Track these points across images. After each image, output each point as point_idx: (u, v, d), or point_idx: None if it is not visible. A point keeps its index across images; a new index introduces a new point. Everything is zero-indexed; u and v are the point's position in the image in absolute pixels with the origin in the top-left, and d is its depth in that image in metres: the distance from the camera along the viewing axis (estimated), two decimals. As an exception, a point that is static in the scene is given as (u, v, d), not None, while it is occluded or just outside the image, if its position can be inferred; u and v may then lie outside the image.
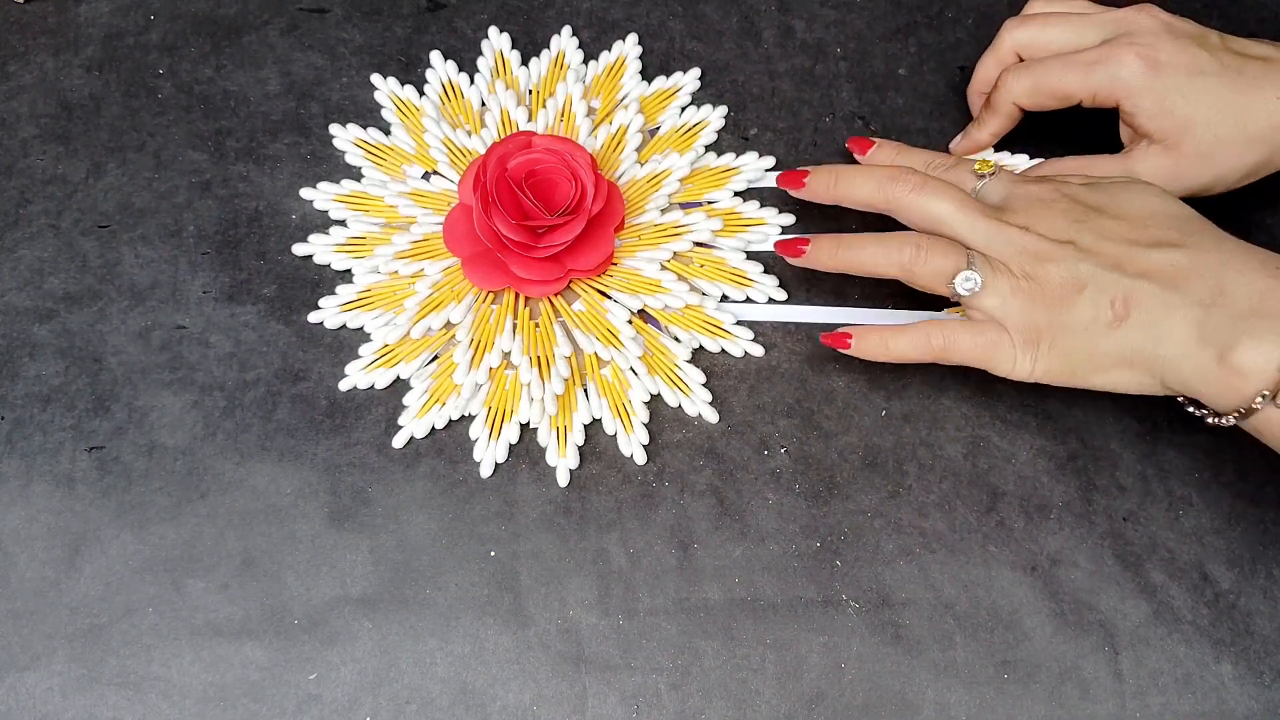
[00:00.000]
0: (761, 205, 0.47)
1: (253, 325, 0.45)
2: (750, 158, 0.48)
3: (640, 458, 0.43)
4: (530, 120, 0.48)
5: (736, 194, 0.47)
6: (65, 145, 0.49)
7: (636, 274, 0.45)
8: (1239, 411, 0.36)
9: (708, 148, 0.48)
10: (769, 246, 0.47)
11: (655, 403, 0.44)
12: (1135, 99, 0.42)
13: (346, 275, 0.46)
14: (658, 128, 0.49)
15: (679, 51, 0.50)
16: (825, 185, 0.43)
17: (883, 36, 0.51)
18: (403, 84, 0.49)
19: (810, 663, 0.40)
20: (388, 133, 0.49)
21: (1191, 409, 0.39)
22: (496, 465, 0.43)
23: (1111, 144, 0.45)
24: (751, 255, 0.47)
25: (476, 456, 0.43)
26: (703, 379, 0.44)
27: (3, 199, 0.48)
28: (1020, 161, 0.48)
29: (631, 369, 0.44)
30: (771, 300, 0.46)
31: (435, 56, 0.50)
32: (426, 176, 0.48)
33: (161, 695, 0.40)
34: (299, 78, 0.50)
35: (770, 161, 0.48)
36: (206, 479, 0.43)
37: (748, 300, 0.46)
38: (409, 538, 0.42)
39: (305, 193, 0.48)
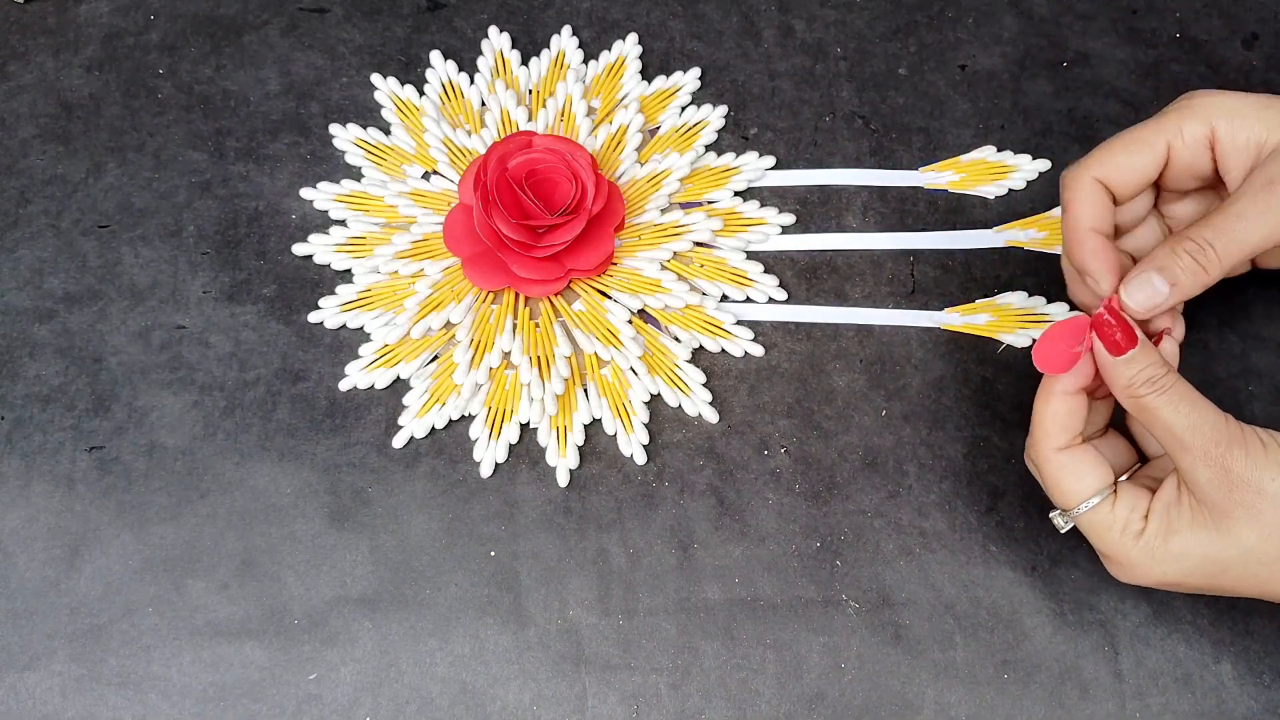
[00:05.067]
0: (761, 205, 0.47)
1: (253, 325, 0.45)
2: (750, 157, 0.48)
3: (640, 458, 0.43)
4: (530, 120, 0.48)
5: (736, 194, 0.47)
6: (65, 145, 0.49)
7: (636, 274, 0.45)
8: None
9: (708, 147, 0.48)
10: (769, 246, 0.47)
11: (655, 403, 0.44)
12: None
13: (346, 275, 0.46)
14: (658, 127, 0.49)
15: (679, 51, 0.50)
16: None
17: (883, 36, 0.51)
18: (403, 84, 0.49)
19: (810, 663, 0.40)
20: (388, 133, 0.49)
21: None
22: (496, 465, 0.43)
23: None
24: (751, 255, 0.47)
25: (476, 456, 0.43)
26: (703, 379, 0.44)
27: (3, 199, 0.48)
28: (1022, 162, 0.48)
29: (631, 369, 0.44)
30: (771, 300, 0.46)
31: (435, 56, 0.50)
32: (426, 176, 0.48)
33: (161, 695, 0.40)
34: (299, 78, 0.50)
35: (770, 161, 0.48)
36: (206, 479, 0.43)
37: (748, 300, 0.46)
38: (409, 538, 0.42)
39: (305, 193, 0.48)
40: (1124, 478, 0.38)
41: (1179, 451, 0.34)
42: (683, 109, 0.49)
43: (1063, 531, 0.37)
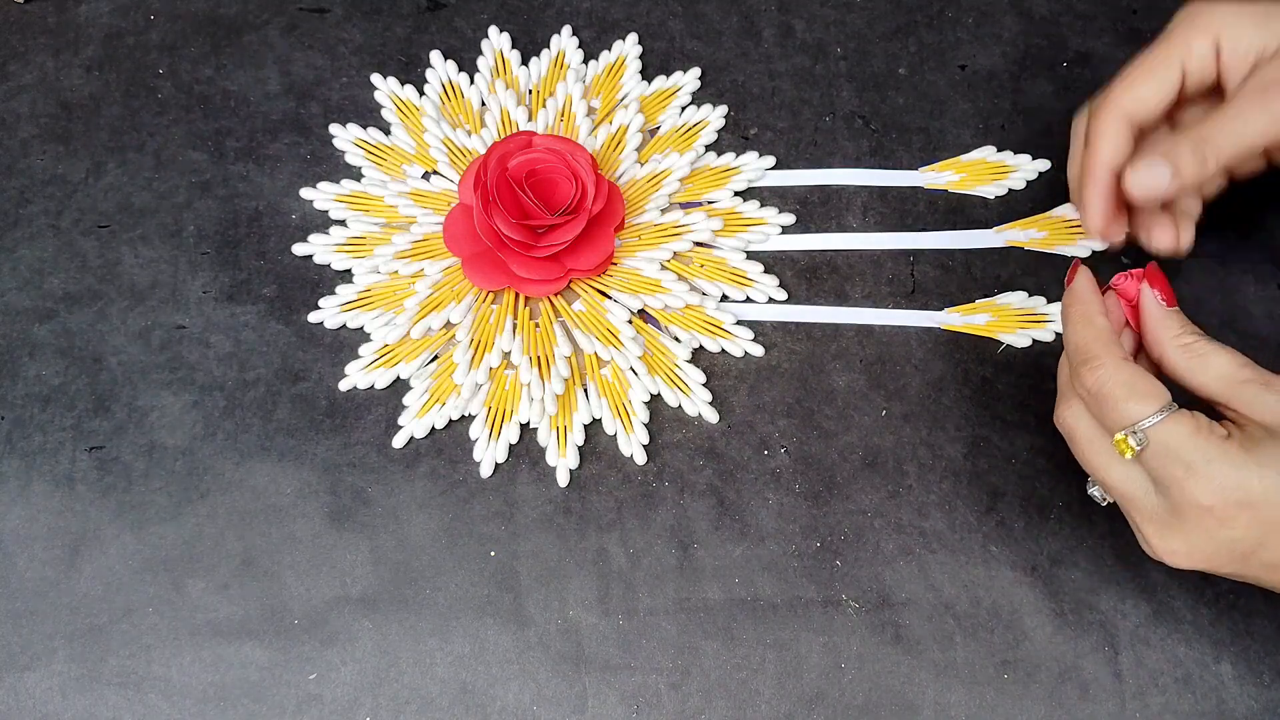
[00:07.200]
0: (761, 205, 0.47)
1: (253, 325, 0.45)
2: (750, 157, 0.48)
3: (640, 458, 0.43)
4: (530, 120, 0.48)
5: (736, 194, 0.47)
6: (65, 145, 0.49)
7: (636, 274, 0.45)
8: None
9: (708, 147, 0.48)
10: (769, 246, 0.47)
11: (655, 403, 0.44)
12: None
13: (346, 275, 0.46)
14: (658, 127, 0.49)
15: (679, 51, 0.50)
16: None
17: (883, 36, 0.51)
18: (403, 84, 0.49)
19: (810, 663, 0.40)
20: (388, 133, 0.49)
21: None
22: (496, 465, 0.43)
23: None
24: (751, 255, 0.47)
25: (476, 456, 0.43)
26: (703, 379, 0.44)
27: (3, 199, 0.48)
28: (1022, 162, 0.48)
29: (631, 369, 0.44)
30: (771, 300, 0.46)
31: (435, 56, 0.50)
32: (426, 176, 0.48)
33: (161, 695, 0.40)
34: (299, 78, 0.50)
35: (770, 161, 0.48)
36: (206, 479, 0.43)
37: (748, 300, 0.46)
38: (409, 538, 0.42)
39: (305, 193, 0.48)
40: None
41: (1239, 386, 0.34)
42: (683, 109, 0.49)
43: (1136, 451, 0.34)
